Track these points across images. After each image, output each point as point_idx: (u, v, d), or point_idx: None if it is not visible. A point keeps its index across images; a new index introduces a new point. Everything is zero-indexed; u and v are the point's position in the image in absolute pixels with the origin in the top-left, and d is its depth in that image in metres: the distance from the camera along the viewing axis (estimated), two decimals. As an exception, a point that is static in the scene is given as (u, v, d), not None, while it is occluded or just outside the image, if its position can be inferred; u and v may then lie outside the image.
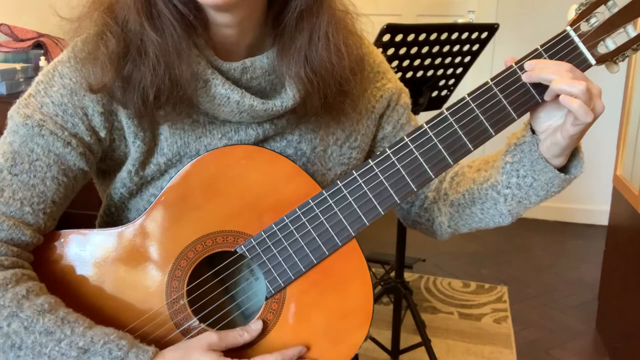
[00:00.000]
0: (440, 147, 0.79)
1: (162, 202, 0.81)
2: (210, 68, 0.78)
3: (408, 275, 2.79)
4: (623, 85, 2.29)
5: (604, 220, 2.69)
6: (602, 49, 0.78)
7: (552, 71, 0.74)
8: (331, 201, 0.80)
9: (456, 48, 1.78)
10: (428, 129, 0.79)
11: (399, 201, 0.80)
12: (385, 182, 0.80)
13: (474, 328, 2.41)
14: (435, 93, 1.90)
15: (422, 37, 1.66)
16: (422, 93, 1.83)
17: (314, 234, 0.80)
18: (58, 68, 0.80)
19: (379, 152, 0.80)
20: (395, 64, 1.67)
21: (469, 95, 0.79)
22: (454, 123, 0.79)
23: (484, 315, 2.51)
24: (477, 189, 0.89)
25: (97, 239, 0.81)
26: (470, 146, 0.80)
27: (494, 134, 0.80)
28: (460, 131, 0.79)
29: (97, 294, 0.81)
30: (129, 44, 0.76)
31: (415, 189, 0.80)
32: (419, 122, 0.99)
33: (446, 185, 0.96)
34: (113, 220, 0.90)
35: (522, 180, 0.83)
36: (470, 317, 2.50)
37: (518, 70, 0.78)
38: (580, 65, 0.78)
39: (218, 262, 0.84)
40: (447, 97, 1.95)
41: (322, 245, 0.80)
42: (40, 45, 2.19)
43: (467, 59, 1.85)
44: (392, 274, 2.13)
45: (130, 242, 0.81)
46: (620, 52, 0.78)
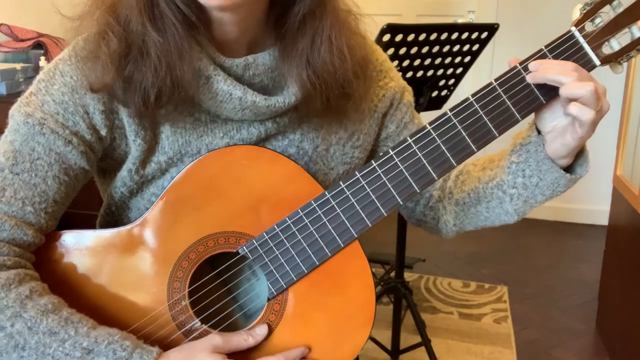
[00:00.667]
0: (444, 149, 0.79)
1: (163, 203, 0.81)
2: (213, 64, 0.78)
3: (408, 275, 2.79)
4: (623, 85, 2.29)
5: (604, 220, 2.69)
6: (606, 50, 0.78)
7: (557, 71, 0.74)
8: (333, 202, 0.80)
9: (456, 48, 1.78)
10: (431, 130, 0.79)
11: (401, 203, 0.80)
12: (388, 183, 0.79)
13: (474, 328, 2.41)
14: (435, 93, 1.90)
15: (422, 37, 1.66)
16: (422, 93, 1.83)
17: (316, 235, 0.80)
18: (59, 66, 0.79)
19: (382, 153, 0.80)
20: (395, 64, 1.67)
21: (473, 96, 0.79)
22: (457, 124, 0.79)
23: (484, 315, 2.51)
24: (483, 188, 0.89)
25: (98, 239, 0.81)
26: (474, 147, 0.79)
27: (497, 135, 0.79)
28: (463, 132, 0.79)
29: (98, 295, 0.80)
30: (131, 44, 0.75)
31: (418, 190, 0.80)
32: (422, 120, 0.98)
33: (451, 183, 0.96)
34: (114, 219, 0.90)
35: (528, 180, 0.83)
36: (470, 317, 2.49)
37: (522, 71, 0.77)
38: (585, 66, 0.77)
39: (220, 263, 0.83)
40: (447, 97, 1.95)
41: (324, 246, 0.80)
42: (40, 45, 2.19)
43: (467, 59, 1.85)
44: (392, 274, 2.13)
45: (131, 243, 0.81)
46: (624, 53, 0.78)
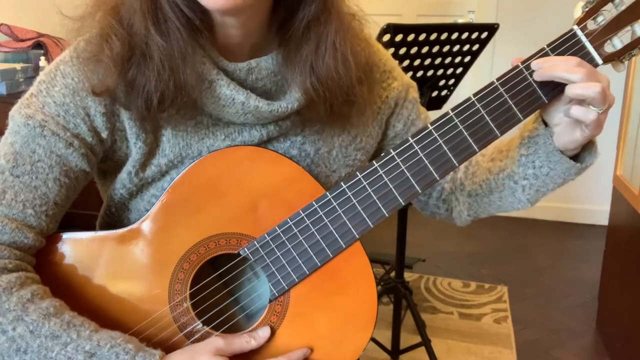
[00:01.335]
0: (446, 149, 0.79)
1: (164, 204, 0.80)
2: (216, 69, 0.78)
3: (408, 275, 2.78)
4: (623, 85, 2.29)
5: (604, 220, 2.68)
6: (609, 48, 0.77)
7: (564, 69, 0.74)
8: (335, 203, 0.79)
9: (456, 48, 1.78)
10: (433, 130, 0.79)
11: (403, 203, 0.79)
12: (390, 184, 0.79)
13: (474, 328, 2.41)
14: (435, 93, 1.90)
15: (422, 37, 1.66)
16: (422, 93, 1.83)
17: (318, 236, 0.79)
18: (60, 67, 0.78)
19: (383, 153, 0.80)
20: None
21: (475, 95, 0.78)
22: (459, 124, 0.78)
23: (484, 315, 2.51)
24: (494, 179, 0.89)
25: (98, 241, 0.81)
26: (476, 147, 0.79)
27: (499, 135, 0.79)
28: (465, 132, 0.78)
29: (99, 297, 0.80)
30: (134, 47, 0.74)
31: (420, 190, 0.79)
32: (429, 115, 0.98)
33: (461, 175, 0.96)
34: (114, 220, 0.89)
35: (538, 171, 0.83)
36: (470, 317, 2.49)
37: (524, 70, 0.77)
38: None
39: (221, 265, 0.83)
40: (447, 97, 1.95)
41: (326, 247, 0.79)
42: (40, 45, 2.18)
43: (467, 59, 1.85)
44: (392, 274, 2.13)
45: (131, 245, 0.80)
46: (627, 51, 0.77)
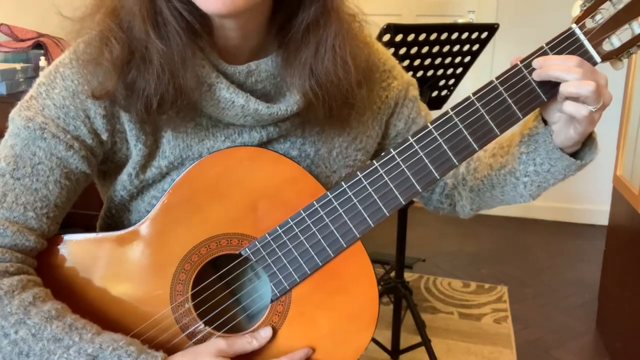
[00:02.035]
0: (445, 148, 0.79)
1: (165, 205, 0.80)
2: (215, 72, 0.78)
3: (408, 275, 2.78)
4: (623, 84, 2.29)
5: (603, 220, 2.68)
6: (607, 47, 0.77)
7: (560, 69, 0.74)
8: (336, 203, 0.79)
9: (456, 48, 1.78)
10: (433, 129, 0.79)
11: (404, 202, 0.80)
12: (390, 183, 0.79)
13: (474, 328, 2.41)
14: (435, 93, 1.90)
15: (422, 37, 1.66)
16: (422, 93, 1.82)
17: (319, 236, 0.80)
18: (60, 70, 0.78)
19: (383, 153, 0.80)
20: (395, 64, 1.66)
21: (474, 94, 0.78)
22: (458, 123, 0.79)
23: (484, 315, 2.51)
24: (496, 174, 0.90)
25: (99, 242, 0.81)
26: (476, 146, 0.79)
27: (499, 133, 0.79)
28: (465, 131, 0.79)
29: (100, 298, 0.80)
30: (133, 51, 0.74)
31: (420, 189, 0.79)
32: (430, 112, 0.98)
33: (463, 170, 0.97)
34: (114, 221, 0.89)
35: (539, 167, 0.84)
36: (470, 317, 2.49)
37: (523, 69, 0.77)
38: None
39: (222, 265, 0.83)
40: (447, 97, 1.95)
41: (327, 247, 0.80)
42: (40, 45, 2.18)
43: (467, 59, 1.85)
44: (392, 274, 2.13)
45: (132, 246, 0.80)
46: (625, 49, 0.77)
